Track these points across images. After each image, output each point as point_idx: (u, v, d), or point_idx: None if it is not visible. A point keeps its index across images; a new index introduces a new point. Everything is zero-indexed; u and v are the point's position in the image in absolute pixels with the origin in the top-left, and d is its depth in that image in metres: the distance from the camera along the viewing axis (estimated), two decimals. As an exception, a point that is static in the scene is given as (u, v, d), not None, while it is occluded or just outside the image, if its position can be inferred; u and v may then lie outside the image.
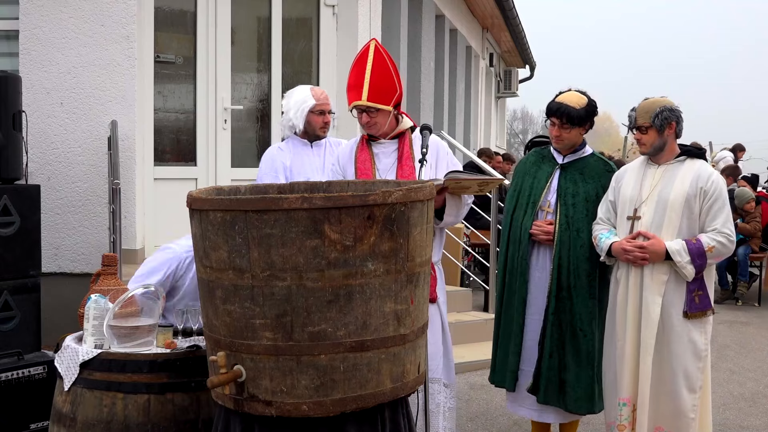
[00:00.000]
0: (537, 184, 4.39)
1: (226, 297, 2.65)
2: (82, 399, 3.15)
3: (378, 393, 2.67)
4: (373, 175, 3.84)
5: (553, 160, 4.42)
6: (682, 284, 3.88)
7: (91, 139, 6.09)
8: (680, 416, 3.89)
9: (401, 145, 3.88)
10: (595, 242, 4.09)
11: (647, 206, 3.95)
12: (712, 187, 3.87)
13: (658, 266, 3.88)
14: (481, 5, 14.44)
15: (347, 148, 4.04)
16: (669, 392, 3.91)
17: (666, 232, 3.89)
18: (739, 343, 7.74)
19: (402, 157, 3.85)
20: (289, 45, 7.26)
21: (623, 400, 3.97)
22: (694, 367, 3.90)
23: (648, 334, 3.89)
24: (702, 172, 3.91)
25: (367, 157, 3.89)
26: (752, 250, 10.01)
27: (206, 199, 2.69)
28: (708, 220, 3.87)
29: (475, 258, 9.04)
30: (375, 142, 3.92)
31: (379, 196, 2.57)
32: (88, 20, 6.08)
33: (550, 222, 4.29)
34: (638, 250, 3.88)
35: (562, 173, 4.35)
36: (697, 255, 3.82)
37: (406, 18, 10.49)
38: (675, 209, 3.88)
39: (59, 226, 6.04)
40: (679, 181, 3.91)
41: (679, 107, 3.99)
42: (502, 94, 20.46)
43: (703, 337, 3.92)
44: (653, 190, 3.95)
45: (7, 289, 4.71)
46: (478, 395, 5.68)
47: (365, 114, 3.78)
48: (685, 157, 3.99)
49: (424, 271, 2.80)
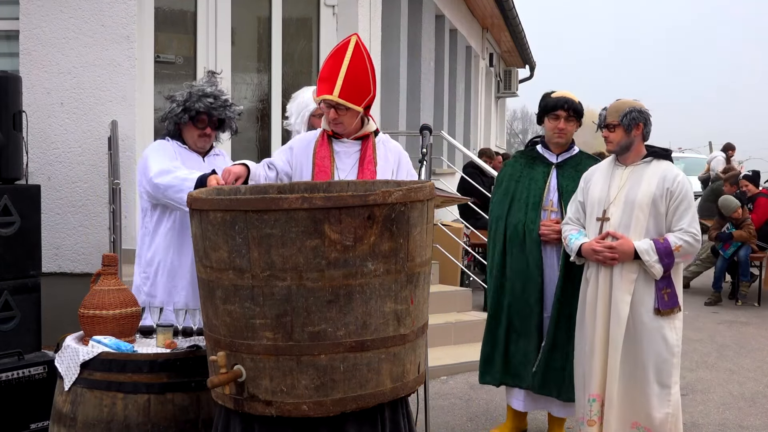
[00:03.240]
0: (534, 185, 4.42)
1: (226, 297, 2.65)
2: (83, 399, 3.15)
3: (378, 393, 2.67)
4: (331, 174, 3.65)
5: (546, 160, 4.48)
6: (650, 283, 3.97)
7: (91, 139, 6.09)
8: (654, 410, 3.96)
9: (364, 147, 3.69)
10: (565, 243, 4.18)
11: (615, 207, 4.03)
12: (678, 187, 3.97)
13: (628, 265, 3.96)
14: (481, 5, 14.44)
15: (305, 140, 3.79)
16: (641, 388, 3.98)
17: (634, 232, 3.97)
18: (739, 343, 7.74)
19: (364, 160, 3.67)
20: (289, 45, 7.26)
21: (592, 396, 4.05)
22: (666, 362, 3.97)
23: (617, 332, 3.97)
24: (668, 173, 4.01)
25: (327, 155, 3.69)
26: (752, 250, 10.00)
27: (206, 199, 2.69)
28: (675, 220, 3.97)
29: (475, 258, 9.04)
30: (337, 140, 3.71)
31: (379, 196, 2.57)
32: (88, 20, 6.08)
33: (556, 221, 4.33)
34: (607, 251, 3.96)
35: (559, 172, 4.42)
36: (664, 254, 3.90)
37: (406, 18, 10.50)
38: (642, 210, 3.97)
39: (59, 226, 6.04)
40: (646, 182, 4.00)
41: (649, 111, 4.10)
42: (502, 94, 20.47)
43: (674, 333, 4.00)
44: (620, 191, 4.04)
45: (7, 289, 4.71)
46: (478, 395, 5.68)
47: (333, 110, 3.56)
48: (652, 159, 4.08)
49: (424, 271, 2.80)
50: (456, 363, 6.27)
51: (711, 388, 6.13)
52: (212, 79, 4.04)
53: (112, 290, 3.39)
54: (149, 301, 3.87)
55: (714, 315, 9.18)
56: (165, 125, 4.02)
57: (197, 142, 3.98)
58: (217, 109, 3.93)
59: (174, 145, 3.97)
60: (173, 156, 3.88)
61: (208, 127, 3.96)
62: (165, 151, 3.90)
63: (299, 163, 3.72)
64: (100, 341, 3.24)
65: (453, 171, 10.70)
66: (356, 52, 3.50)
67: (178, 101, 3.91)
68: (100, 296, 3.36)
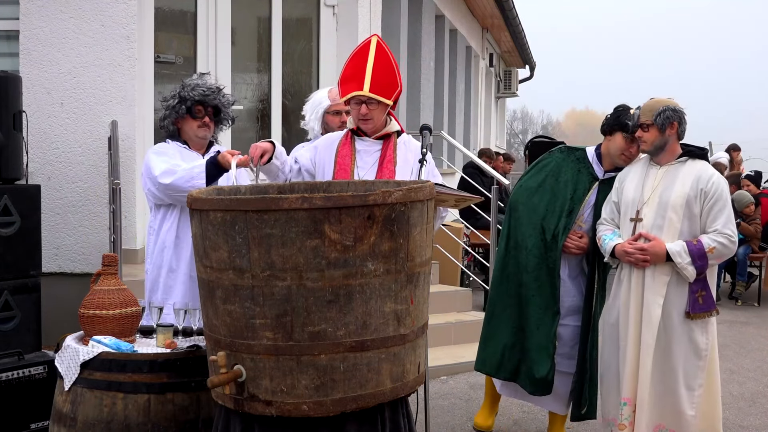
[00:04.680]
0: (576, 195, 4.34)
1: (227, 297, 2.65)
2: (83, 399, 3.15)
3: (378, 393, 2.67)
4: (351, 172, 3.74)
5: (593, 171, 4.38)
6: (684, 285, 3.91)
7: (91, 139, 6.09)
8: (679, 414, 3.93)
9: (385, 146, 3.79)
10: (599, 243, 4.13)
11: (648, 208, 3.97)
12: (713, 188, 3.89)
13: (660, 267, 3.91)
14: (481, 5, 14.45)
15: (329, 139, 3.91)
16: (668, 390, 3.94)
17: (667, 233, 3.91)
18: (739, 343, 7.74)
19: (384, 160, 3.76)
20: (289, 45, 7.27)
21: (624, 400, 4.00)
22: (694, 365, 3.92)
23: (649, 335, 3.91)
24: (702, 173, 3.94)
25: (348, 153, 3.78)
26: (752, 250, 10.03)
27: (206, 199, 2.69)
28: (709, 221, 3.90)
29: (475, 258, 9.05)
30: (360, 138, 3.81)
31: (379, 196, 2.57)
32: (88, 20, 6.08)
33: (580, 235, 4.31)
34: (639, 252, 3.91)
35: (601, 188, 4.33)
36: (698, 256, 3.84)
37: (406, 18, 10.50)
38: (676, 211, 3.91)
39: (59, 226, 6.04)
40: (680, 182, 3.94)
41: (684, 109, 4.02)
42: (501, 94, 20.47)
43: (705, 337, 3.94)
44: (654, 191, 3.97)
45: (7, 289, 4.71)
46: (478, 395, 5.68)
47: (364, 106, 3.68)
48: (687, 158, 4.01)
49: (424, 271, 2.80)
50: (456, 363, 6.27)
51: (711, 388, 6.12)
52: (203, 76, 4.15)
53: (112, 290, 3.39)
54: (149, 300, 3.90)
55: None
56: (164, 125, 4.09)
57: (198, 133, 4.05)
58: (210, 95, 4.02)
59: (174, 145, 4.03)
60: (174, 156, 3.95)
61: (206, 116, 4.04)
62: (166, 152, 3.98)
63: (322, 161, 3.82)
64: (100, 341, 3.24)
65: (453, 171, 10.70)
66: (379, 50, 3.68)
67: (173, 94, 4.02)
68: (100, 296, 3.36)
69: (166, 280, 3.96)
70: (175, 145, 4.04)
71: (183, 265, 3.95)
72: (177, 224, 3.95)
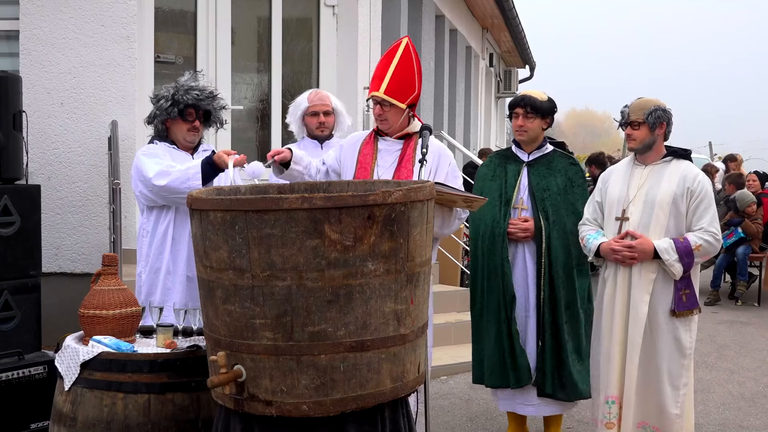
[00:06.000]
0: (509, 182, 4.46)
1: (227, 297, 2.65)
2: (83, 399, 3.15)
3: (378, 393, 2.67)
4: (371, 171, 3.87)
5: (518, 159, 4.52)
6: (669, 283, 3.95)
7: (91, 139, 6.09)
8: (664, 412, 3.96)
9: (405, 146, 3.91)
10: (582, 243, 4.17)
11: (635, 206, 4.02)
12: (699, 187, 3.96)
13: (647, 265, 3.95)
14: (481, 5, 14.44)
15: (354, 138, 4.07)
16: (653, 389, 3.98)
17: (653, 231, 3.96)
18: (739, 343, 7.75)
19: (403, 159, 3.88)
20: (289, 45, 7.27)
21: (611, 398, 4.04)
22: (678, 364, 3.96)
23: (635, 333, 3.96)
24: (688, 172, 4.00)
25: (370, 152, 3.92)
26: (752, 249, 10.02)
27: (206, 199, 2.69)
28: (695, 219, 3.96)
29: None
30: (382, 138, 3.95)
31: (379, 196, 2.57)
32: (88, 20, 6.08)
33: (525, 219, 4.37)
34: (627, 250, 3.95)
35: (530, 170, 4.46)
36: (684, 253, 3.89)
37: (406, 18, 10.50)
38: (662, 208, 3.96)
39: (59, 226, 6.04)
40: (666, 180, 3.99)
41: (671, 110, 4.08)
42: (502, 94, 20.47)
43: (689, 335, 3.99)
44: (640, 190, 4.03)
45: (7, 289, 4.71)
46: (478, 395, 5.68)
47: (379, 106, 3.83)
48: (671, 158, 4.07)
49: (424, 271, 2.80)
50: (456, 363, 6.28)
51: (711, 388, 6.13)
52: (196, 76, 4.12)
53: (112, 290, 3.39)
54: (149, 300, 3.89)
55: (714, 315, 9.18)
56: (153, 125, 4.06)
57: (186, 137, 4.03)
58: (204, 100, 4.00)
59: (163, 146, 4.01)
60: (165, 157, 3.93)
61: (196, 120, 4.02)
62: (156, 153, 3.95)
63: (346, 158, 3.97)
64: (100, 341, 3.24)
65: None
66: (405, 53, 3.79)
67: (166, 96, 3.96)
68: (100, 296, 3.36)
69: (164, 282, 3.95)
70: (164, 146, 4.01)
71: (180, 266, 3.95)
72: (172, 226, 3.94)
